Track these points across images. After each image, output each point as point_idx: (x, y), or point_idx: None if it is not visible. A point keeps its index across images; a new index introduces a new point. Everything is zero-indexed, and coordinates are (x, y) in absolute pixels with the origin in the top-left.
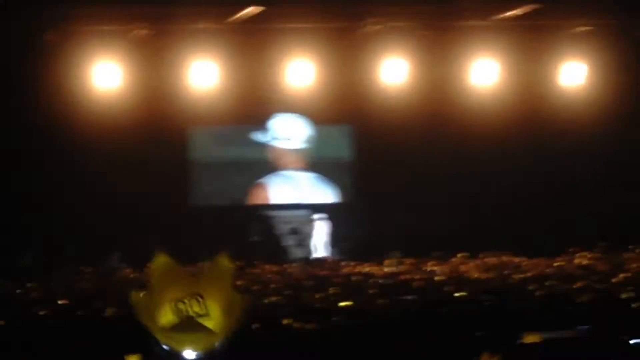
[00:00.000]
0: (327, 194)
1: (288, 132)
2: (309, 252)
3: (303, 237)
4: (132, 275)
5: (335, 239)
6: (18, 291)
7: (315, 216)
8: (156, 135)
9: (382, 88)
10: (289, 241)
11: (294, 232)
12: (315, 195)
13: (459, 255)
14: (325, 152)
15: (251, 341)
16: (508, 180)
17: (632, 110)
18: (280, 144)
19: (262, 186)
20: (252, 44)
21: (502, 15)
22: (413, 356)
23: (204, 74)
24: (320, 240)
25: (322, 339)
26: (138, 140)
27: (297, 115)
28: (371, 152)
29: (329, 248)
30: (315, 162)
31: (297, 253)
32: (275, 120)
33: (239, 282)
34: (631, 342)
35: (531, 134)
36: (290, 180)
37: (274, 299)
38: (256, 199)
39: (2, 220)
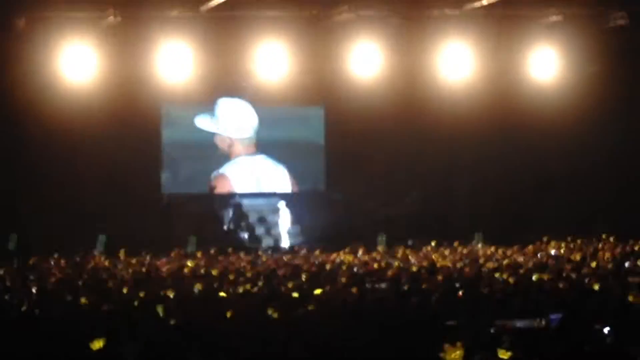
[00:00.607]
0: (282, 176)
1: (238, 121)
2: (280, 240)
3: (273, 225)
4: (106, 264)
5: (306, 227)
6: None
7: (284, 204)
8: (127, 122)
9: (354, 75)
10: (260, 229)
11: (264, 220)
12: (272, 179)
13: (432, 243)
14: (298, 135)
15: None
16: (480, 169)
17: (601, 98)
18: (231, 132)
19: (222, 177)
20: (224, 31)
21: (473, 5)
22: (385, 344)
23: (175, 61)
24: (291, 228)
25: (295, 326)
26: (110, 127)
27: (246, 101)
28: (343, 137)
29: (299, 236)
30: (287, 144)
31: (267, 241)
32: (224, 108)
33: (214, 271)
34: (605, 330)
35: (502, 122)
36: (248, 166)
37: (248, 287)
38: (219, 190)
39: None
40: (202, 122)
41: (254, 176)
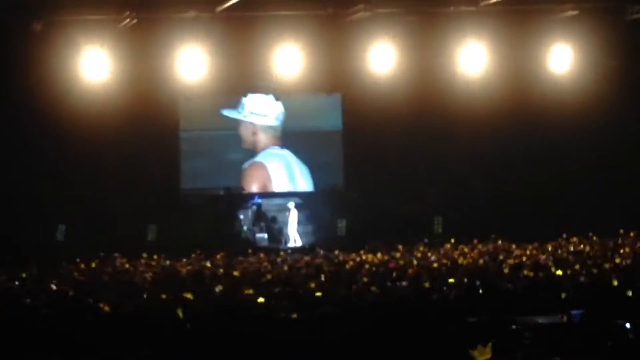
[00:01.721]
0: (306, 174)
1: (263, 109)
2: (300, 239)
3: (292, 224)
4: (126, 265)
5: (325, 226)
6: (13, 282)
7: (303, 203)
8: (145, 123)
9: (370, 73)
10: (279, 229)
11: (283, 219)
12: (302, 175)
13: (452, 240)
14: (316, 127)
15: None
16: (498, 165)
17: (619, 93)
18: (256, 119)
19: (261, 166)
20: (240, 31)
21: (489, 1)
22: (407, 343)
23: (192, 62)
24: (310, 227)
25: (315, 327)
26: (126, 128)
27: (271, 94)
28: (361, 153)
29: (318, 235)
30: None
31: (287, 241)
32: (250, 99)
33: (235, 273)
34: (626, 325)
35: (519, 118)
36: (282, 159)
37: (269, 288)
38: (256, 179)
39: None
40: (228, 112)
41: (288, 170)
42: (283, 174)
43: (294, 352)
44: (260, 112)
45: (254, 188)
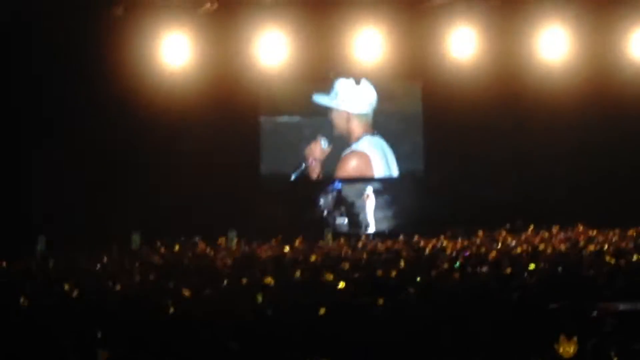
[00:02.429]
0: (394, 160)
1: (358, 96)
2: (379, 225)
3: (371, 209)
4: (207, 250)
5: (405, 211)
6: (94, 266)
7: (383, 188)
8: (226, 110)
9: (451, 59)
10: (359, 214)
11: (362, 205)
12: (393, 160)
13: (531, 227)
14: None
15: (327, 317)
16: (580, 151)
17: None
18: (351, 107)
19: (362, 155)
20: (320, 16)
21: None
22: (488, 329)
23: (273, 47)
24: (389, 212)
25: (396, 314)
26: (207, 115)
27: (364, 80)
28: (441, 138)
29: (398, 220)
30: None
31: (367, 226)
32: (343, 84)
33: (313, 258)
34: None
35: (602, 104)
36: (379, 147)
37: (348, 273)
38: (358, 167)
39: (72, 196)
40: (320, 98)
41: (384, 157)
42: (381, 161)
43: (373, 337)
44: (354, 99)
45: (355, 176)
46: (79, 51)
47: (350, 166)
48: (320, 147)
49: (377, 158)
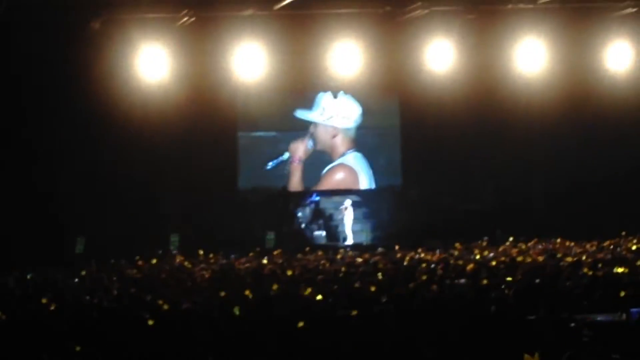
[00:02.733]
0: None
1: (344, 112)
2: (357, 237)
3: (350, 222)
4: (185, 263)
5: (383, 224)
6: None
7: (361, 201)
8: (204, 124)
9: (428, 71)
10: (337, 227)
11: (340, 217)
12: (372, 178)
13: (510, 239)
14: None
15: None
16: (556, 163)
17: None
18: (337, 122)
19: (350, 169)
20: (297, 29)
21: None
22: (466, 339)
23: (251, 60)
24: (368, 225)
25: (374, 326)
26: (185, 127)
27: (347, 95)
28: (419, 131)
29: (376, 233)
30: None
31: (345, 239)
32: (328, 100)
33: (289, 272)
34: None
35: (578, 116)
36: (362, 161)
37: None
38: (344, 181)
39: (53, 209)
40: (303, 114)
41: (367, 171)
42: (365, 176)
43: (352, 349)
44: (341, 115)
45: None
46: (56, 64)
47: (338, 179)
48: (305, 146)
49: (362, 173)
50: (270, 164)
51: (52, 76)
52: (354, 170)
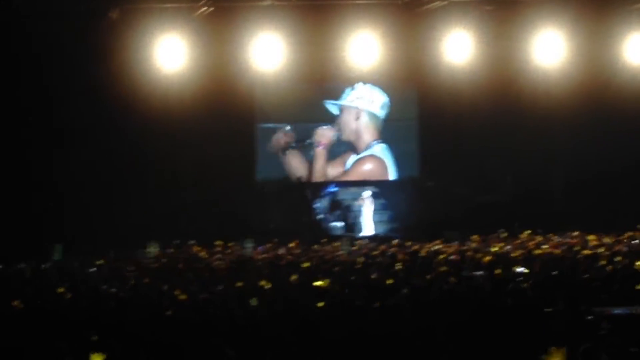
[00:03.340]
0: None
1: (370, 96)
2: (374, 229)
3: (367, 213)
4: (201, 253)
5: (400, 215)
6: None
7: (378, 192)
8: (222, 115)
9: (446, 62)
10: (354, 218)
11: (358, 209)
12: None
13: (526, 232)
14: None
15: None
16: (575, 155)
17: None
18: (362, 104)
19: (379, 160)
20: (315, 20)
21: None
22: (483, 331)
23: (269, 51)
24: (385, 216)
25: (391, 315)
26: (202, 117)
27: (372, 85)
28: (436, 143)
29: (393, 224)
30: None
31: (362, 230)
32: (358, 87)
33: (306, 264)
34: None
35: (597, 108)
36: (389, 153)
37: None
38: (374, 172)
39: (71, 197)
40: (330, 102)
41: (392, 162)
42: (392, 167)
43: (369, 340)
44: (367, 98)
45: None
46: (75, 54)
47: (367, 170)
48: (332, 133)
49: (390, 165)
50: (293, 144)
51: (71, 66)
52: (384, 162)
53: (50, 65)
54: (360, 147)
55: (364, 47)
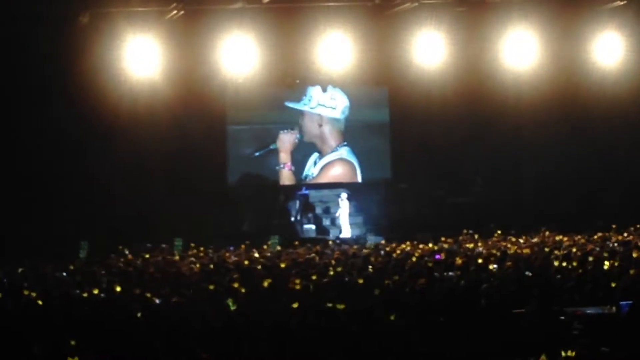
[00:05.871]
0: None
1: (331, 101)
2: (347, 231)
3: (340, 216)
4: (174, 259)
5: (372, 217)
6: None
7: (351, 194)
8: (192, 114)
9: (417, 64)
10: (326, 220)
11: (330, 211)
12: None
13: (498, 232)
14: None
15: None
16: (546, 156)
17: None
18: (324, 111)
19: (348, 162)
20: (286, 22)
21: None
22: (456, 331)
23: (239, 54)
24: (357, 218)
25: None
26: (174, 120)
27: (335, 87)
28: (408, 144)
29: (366, 226)
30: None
31: (335, 232)
32: (316, 90)
33: (282, 265)
34: None
35: (568, 109)
36: (354, 155)
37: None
38: (343, 175)
39: (47, 206)
40: (291, 103)
41: (358, 165)
42: (358, 169)
43: (341, 342)
44: (328, 104)
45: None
46: (44, 58)
47: (337, 173)
48: (294, 137)
49: (357, 167)
50: (257, 153)
51: (40, 70)
52: (353, 164)
53: (22, 69)
54: (325, 150)
55: (335, 49)
